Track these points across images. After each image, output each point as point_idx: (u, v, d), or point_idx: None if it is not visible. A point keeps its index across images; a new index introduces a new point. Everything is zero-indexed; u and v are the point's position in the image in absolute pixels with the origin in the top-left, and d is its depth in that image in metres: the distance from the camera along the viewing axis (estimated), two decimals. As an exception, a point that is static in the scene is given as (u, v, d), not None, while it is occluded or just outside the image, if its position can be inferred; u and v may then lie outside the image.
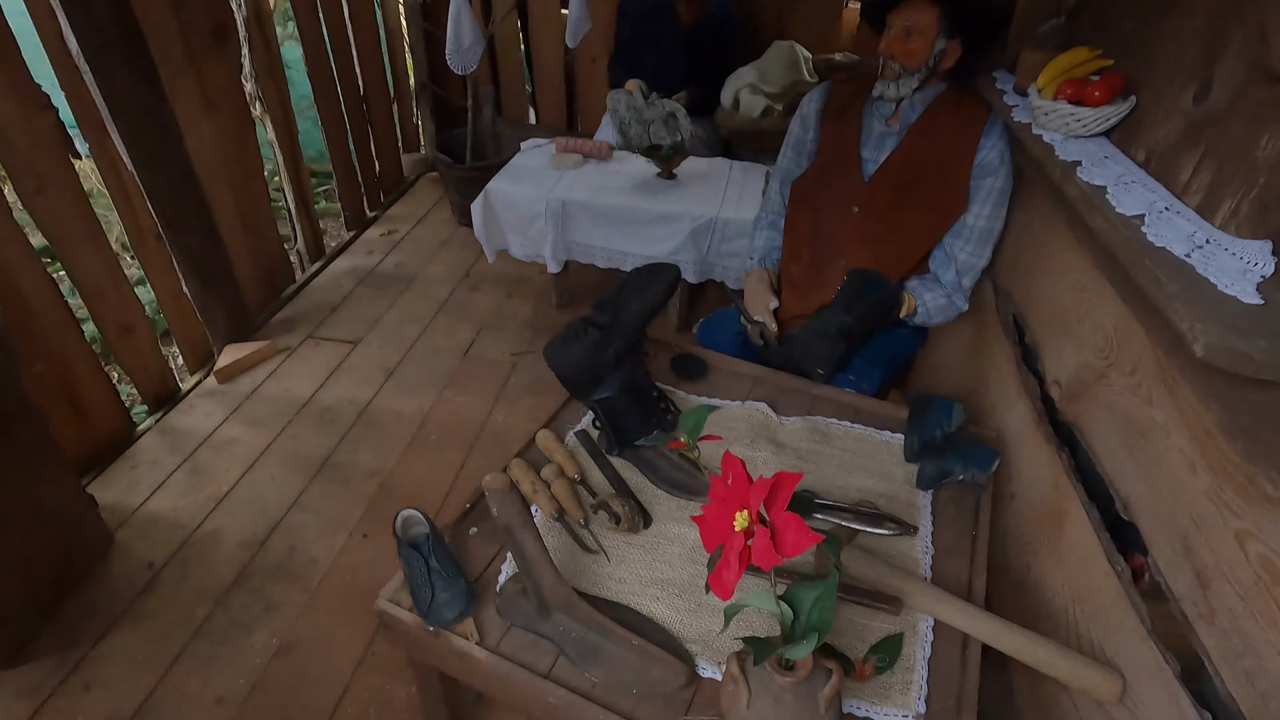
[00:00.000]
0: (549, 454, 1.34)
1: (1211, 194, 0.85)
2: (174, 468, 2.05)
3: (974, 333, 1.73)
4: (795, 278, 1.71)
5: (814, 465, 1.36)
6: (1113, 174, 0.97)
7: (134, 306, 2.14)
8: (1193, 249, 0.79)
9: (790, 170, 1.74)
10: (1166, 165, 0.95)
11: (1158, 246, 0.79)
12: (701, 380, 1.57)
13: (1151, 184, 0.95)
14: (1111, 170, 0.98)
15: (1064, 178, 1.00)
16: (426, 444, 2.16)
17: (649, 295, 1.25)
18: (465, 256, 3.09)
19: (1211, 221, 0.84)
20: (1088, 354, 1.20)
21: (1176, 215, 0.86)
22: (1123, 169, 0.98)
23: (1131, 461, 1.05)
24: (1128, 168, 0.99)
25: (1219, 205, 0.84)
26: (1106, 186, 0.93)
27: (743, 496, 0.79)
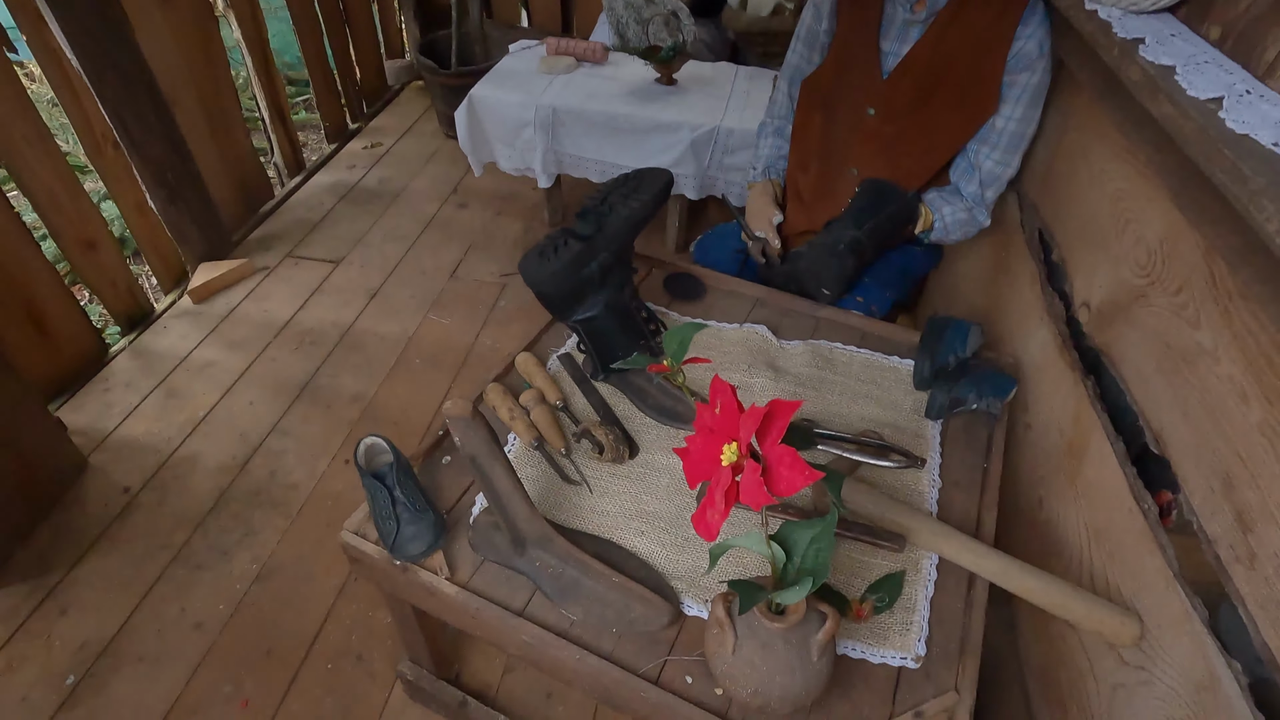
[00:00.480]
0: (529, 378, 1.24)
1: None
2: (149, 391, 1.97)
3: (994, 252, 1.60)
4: (802, 190, 1.56)
5: (815, 393, 1.26)
6: (1182, 53, 0.82)
7: (95, 220, 2.00)
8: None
9: (800, 67, 1.56)
10: (1247, 44, 0.80)
11: (1239, 134, 0.66)
12: (697, 301, 1.46)
13: (1228, 64, 0.80)
14: (1180, 49, 0.83)
15: (1123, 58, 0.85)
16: (411, 368, 2.07)
17: (637, 202, 1.11)
18: (453, 171, 2.92)
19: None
20: (1126, 271, 1.08)
21: (1260, 99, 0.72)
22: (1194, 48, 0.83)
23: (1169, 391, 0.94)
24: (1199, 47, 0.84)
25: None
26: (1175, 66, 0.78)
27: (732, 427, 0.69)
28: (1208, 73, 0.76)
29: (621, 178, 1.20)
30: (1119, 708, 0.93)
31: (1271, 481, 0.75)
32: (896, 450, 1.11)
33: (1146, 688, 0.88)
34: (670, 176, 1.18)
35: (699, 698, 0.86)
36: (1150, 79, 0.78)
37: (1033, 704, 1.19)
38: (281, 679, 1.40)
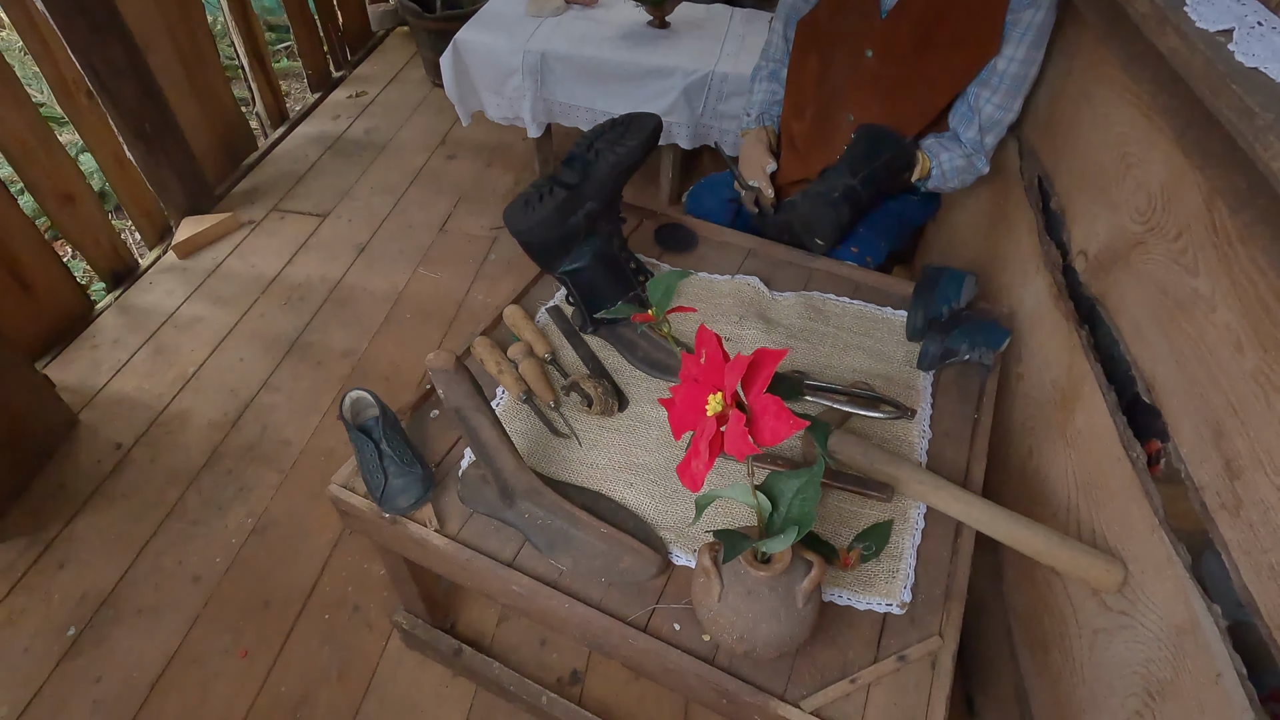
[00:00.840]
0: (517, 331, 1.22)
1: (1320, 3, 0.67)
2: (136, 347, 1.95)
3: (992, 201, 1.57)
4: (797, 136, 1.52)
5: (807, 344, 1.24)
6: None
7: (71, 172, 1.95)
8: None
9: (796, 7, 1.50)
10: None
11: (1249, 68, 0.63)
12: (689, 253, 1.43)
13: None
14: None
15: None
16: (401, 324, 2.05)
17: (624, 149, 1.08)
18: (441, 121, 2.84)
19: (1316, 39, 0.67)
20: (1125, 218, 1.05)
21: (1273, 31, 0.69)
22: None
23: (1163, 339, 0.93)
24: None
25: (1329, 18, 0.66)
26: None
27: (717, 377, 0.68)
28: (1218, 3, 0.72)
29: (609, 123, 1.16)
30: (1099, 651, 0.95)
31: (1261, 429, 0.74)
32: (887, 401, 1.10)
33: (1127, 631, 0.89)
34: (659, 121, 1.14)
35: (686, 644, 0.87)
36: (1158, 9, 0.75)
37: (1016, 648, 1.22)
38: (279, 629, 1.42)
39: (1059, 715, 1.05)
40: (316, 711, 1.31)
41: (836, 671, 0.85)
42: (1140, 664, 0.86)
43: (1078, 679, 1.00)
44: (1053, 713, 1.07)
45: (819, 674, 0.85)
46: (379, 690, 1.35)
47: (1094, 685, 0.96)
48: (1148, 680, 0.85)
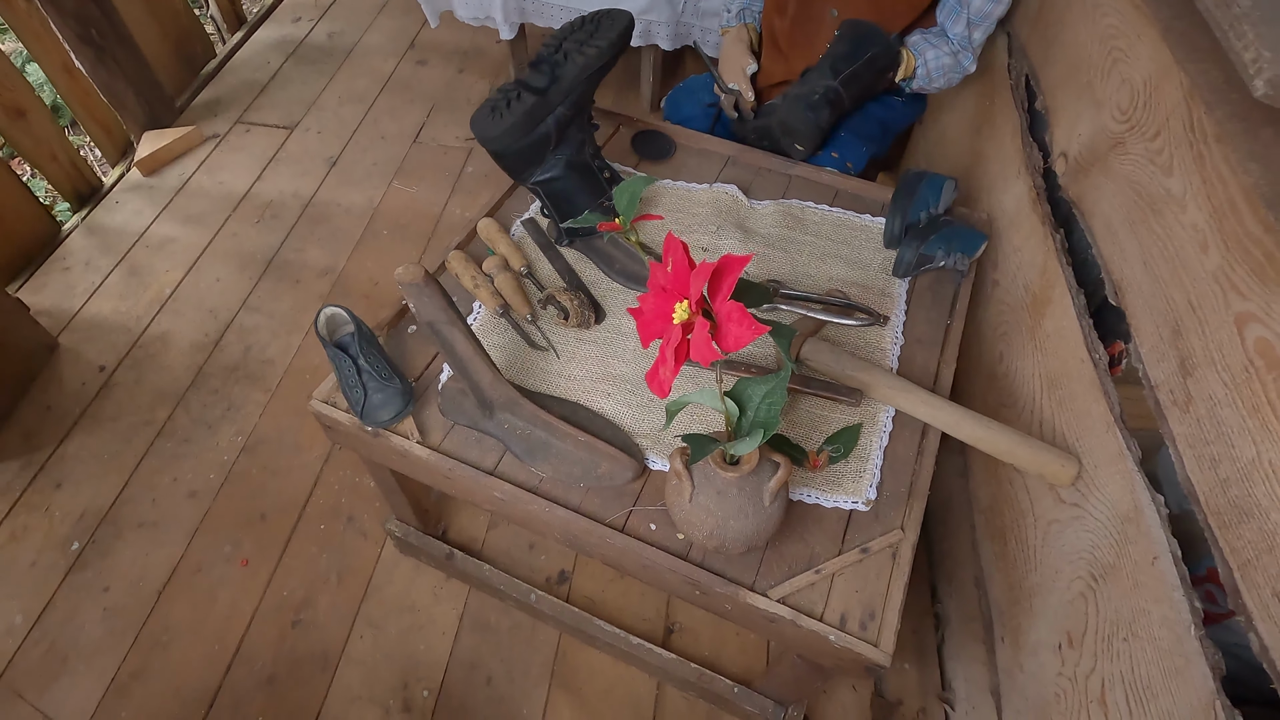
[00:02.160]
0: (492, 244, 1.21)
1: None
2: (109, 269, 1.92)
3: (978, 104, 1.52)
4: (779, 34, 1.45)
5: (784, 253, 1.24)
6: None
7: (18, 83, 1.85)
8: (1277, -46, 0.60)
9: (779, -111, 1.40)
10: None
11: (1232, -47, 0.60)
12: (666, 160, 1.40)
13: None
14: None
15: None
16: (379, 239, 2.02)
17: (593, 49, 1.03)
18: (409, 23, 2.68)
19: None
20: (1107, 117, 1.03)
21: (1263, -90, 0.65)
22: None
23: (1133, 241, 0.93)
24: None
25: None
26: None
27: (684, 285, 0.68)
28: (1213, -122, 0.68)
29: (578, 21, 1.10)
30: (1052, 540, 1.01)
31: (1217, 327, 0.76)
32: (860, 309, 1.11)
33: (1078, 522, 0.95)
34: (630, 18, 1.08)
35: (661, 542, 0.91)
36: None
37: (978, 540, 1.29)
38: (277, 539, 1.48)
39: (1013, 598, 1.12)
40: (319, 613, 1.39)
41: (803, 564, 0.90)
42: (1087, 549, 0.92)
43: (1031, 565, 1.07)
44: (1007, 596, 1.14)
45: (786, 566, 0.90)
46: (377, 592, 1.42)
47: (1044, 571, 1.03)
48: (1092, 564, 0.91)
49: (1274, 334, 0.68)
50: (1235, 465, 0.72)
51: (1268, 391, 0.69)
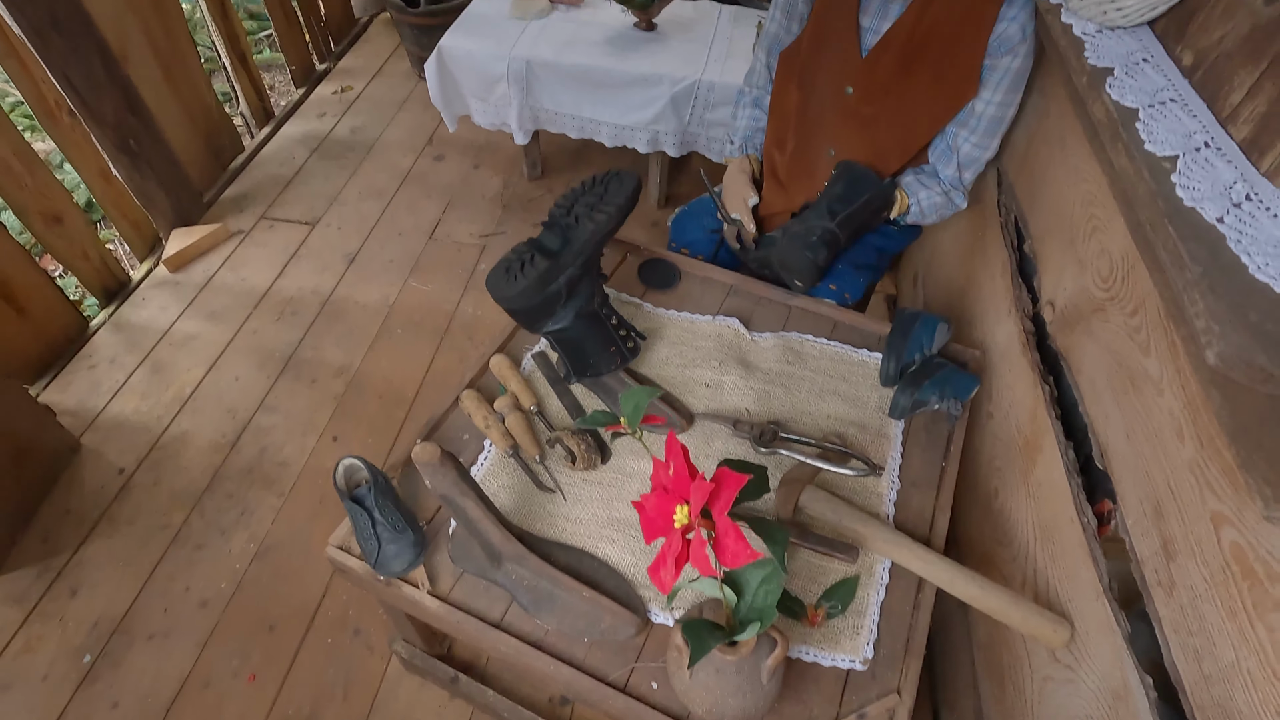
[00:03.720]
0: (504, 381, 1.26)
1: (1264, 128, 0.70)
2: (134, 367, 1.99)
3: (971, 230, 1.59)
4: (778, 167, 1.53)
5: (784, 390, 1.29)
6: (1149, 88, 0.80)
7: (57, 192, 1.95)
8: (1229, 208, 0.65)
9: (778, 37, 1.50)
10: (1216, 78, 0.78)
11: (1187, 207, 0.66)
12: (671, 290, 1.46)
13: (1194, 102, 0.78)
14: (1149, 82, 0.81)
15: (1090, 91, 0.83)
16: (393, 337, 2.08)
17: (604, 215, 1.10)
18: (427, 118, 2.81)
19: (1258, 166, 0.69)
20: (1089, 280, 1.08)
21: (1217, 154, 0.71)
22: (1163, 80, 0.81)
23: (1116, 409, 0.97)
24: (1170, 76, 0.81)
25: (1270, 145, 0.69)
26: (1139, 110, 0.76)
27: (684, 488, 0.72)
28: (1170, 118, 0.75)
29: (589, 181, 1.17)
30: (1047, 697, 1.02)
31: (1195, 520, 0.79)
32: (857, 457, 1.15)
33: (1071, 685, 0.96)
34: (639, 182, 1.16)
35: (663, 704, 0.94)
36: (1113, 122, 0.77)
37: (978, 674, 1.30)
38: (285, 652, 1.50)
39: (1012, 747, 1.13)
40: (323, 730, 1.40)
41: (801, 727, 0.92)
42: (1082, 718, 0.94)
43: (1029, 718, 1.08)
44: (1007, 743, 1.15)
45: (785, 730, 0.92)
46: (382, 709, 1.43)
47: (1042, 727, 1.04)
48: (1087, 735, 0.92)
49: (1247, 541, 0.71)
50: (1217, 664, 0.74)
51: (1244, 597, 0.71)
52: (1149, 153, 0.72)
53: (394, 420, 1.89)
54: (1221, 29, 0.78)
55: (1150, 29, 0.90)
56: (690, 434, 1.21)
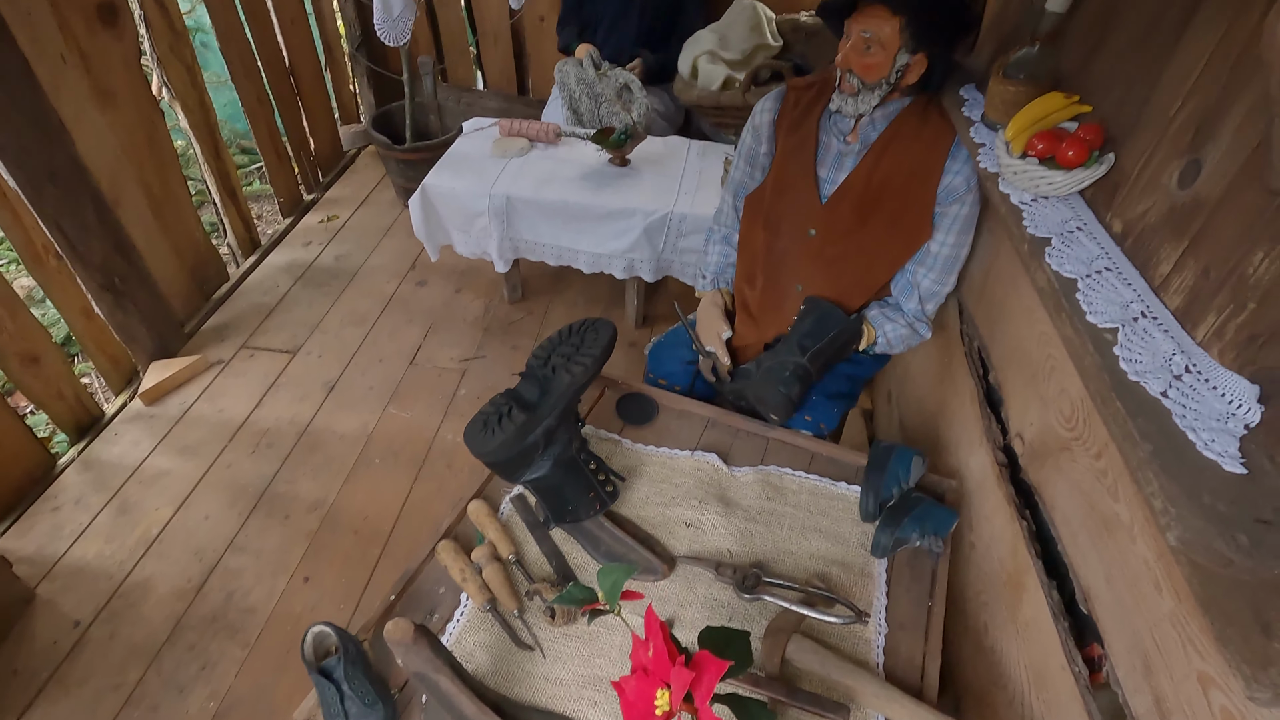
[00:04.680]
0: (482, 529, 1.24)
1: (1194, 301, 0.75)
2: (99, 508, 1.93)
3: (939, 356, 1.64)
4: (749, 302, 1.59)
5: (765, 527, 1.28)
6: (1085, 256, 0.86)
7: (37, 334, 1.96)
8: (1170, 382, 0.69)
9: (743, 183, 1.60)
10: (1145, 249, 0.84)
11: (1132, 380, 0.69)
12: (649, 425, 1.47)
13: (1128, 270, 0.84)
14: (1085, 250, 0.87)
15: (1031, 258, 0.89)
16: (371, 468, 2.06)
17: (580, 366, 1.13)
18: (411, 245, 2.91)
19: (1193, 335, 0.74)
20: (1052, 418, 1.12)
21: (1154, 324, 0.76)
22: (1097, 248, 0.87)
23: (1094, 551, 0.98)
24: (1103, 245, 0.88)
25: (1202, 317, 0.74)
26: (1078, 281, 0.82)
27: (664, 670, 0.70)
28: (1108, 287, 0.80)
29: (565, 330, 1.21)
30: None
31: (1183, 679, 0.78)
32: (843, 602, 1.13)
33: None
34: (614, 331, 1.19)
35: None
36: (1055, 291, 0.82)
37: (986, 830, 1.22)
38: (241, 831, 1.37)
39: None
40: None
41: None
42: None
43: None
44: None
45: None
46: None
47: None
48: None
49: (1237, 708, 0.70)
50: (1226, 843, 0.71)
51: (1244, 771, 0.69)
52: (1091, 323, 0.77)
53: (369, 557, 1.83)
54: (1144, 204, 0.85)
55: (1080, 197, 0.98)
56: (672, 580, 1.19)
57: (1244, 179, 0.70)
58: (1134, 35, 0.94)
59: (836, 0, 1.25)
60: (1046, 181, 0.94)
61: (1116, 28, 0.98)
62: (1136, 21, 0.94)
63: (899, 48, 1.23)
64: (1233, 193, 0.72)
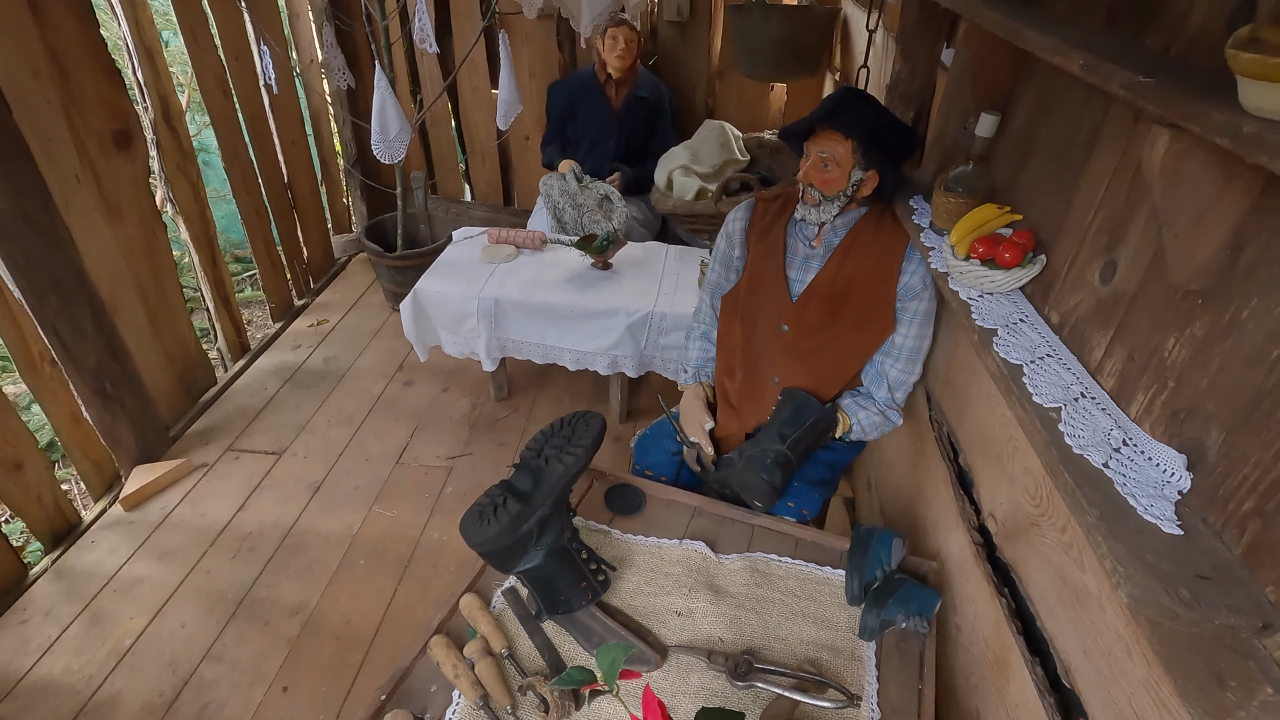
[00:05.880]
0: (474, 623, 1.24)
1: (1125, 382, 0.84)
2: (70, 619, 1.87)
3: (911, 442, 1.72)
4: (730, 394, 1.68)
5: (755, 614, 1.30)
6: (1029, 344, 0.96)
7: (24, 440, 1.96)
8: (1110, 454, 0.77)
9: (719, 284, 1.72)
10: (1080, 337, 0.95)
11: (1076, 454, 0.77)
12: (638, 514, 1.51)
13: (1066, 357, 0.94)
14: (1028, 339, 0.97)
15: (981, 347, 0.99)
16: (355, 570, 2.03)
17: (572, 456, 1.18)
18: (399, 346, 2.99)
19: (1127, 412, 0.83)
20: (1020, 496, 1.18)
21: (1093, 403, 0.85)
22: (1039, 337, 0.97)
23: (1070, 625, 1.02)
24: (1043, 334, 0.98)
25: (1133, 395, 0.83)
26: (1023, 366, 0.91)
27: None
28: (1050, 372, 0.89)
29: (556, 424, 1.27)
30: None
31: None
32: (834, 686, 1.14)
33: None
34: (604, 422, 1.26)
35: None
36: (1004, 376, 0.91)
37: None
38: None
39: None
40: None
41: None
42: None
43: None
44: None
45: None
46: None
47: None
48: None
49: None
50: None
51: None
52: (1037, 404, 0.85)
53: (350, 664, 1.78)
54: (1075, 298, 0.97)
55: (1021, 292, 1.09)
56: (665, 670, 1.19)
57: (1152, 276, 0.81)
58: (1051, 155, 1.09)
59: (797, 126, 1.42)
60: (989, 280, 1.05)
61: (1036, 150, 1.13)
62: (1051, 145, 1.09)
63: (853, 165, 1.39)
64: (1145, 288, 0.83)
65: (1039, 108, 1.15)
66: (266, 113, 2.99)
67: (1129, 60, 0.74)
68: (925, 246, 1.27)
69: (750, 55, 2.82)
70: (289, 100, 3.11)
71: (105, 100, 2.15)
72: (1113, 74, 0.70)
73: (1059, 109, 1.09)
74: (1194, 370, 0.73)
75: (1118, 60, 0.72)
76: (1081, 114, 1.02)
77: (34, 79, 1.92)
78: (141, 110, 2.40)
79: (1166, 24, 0.83)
